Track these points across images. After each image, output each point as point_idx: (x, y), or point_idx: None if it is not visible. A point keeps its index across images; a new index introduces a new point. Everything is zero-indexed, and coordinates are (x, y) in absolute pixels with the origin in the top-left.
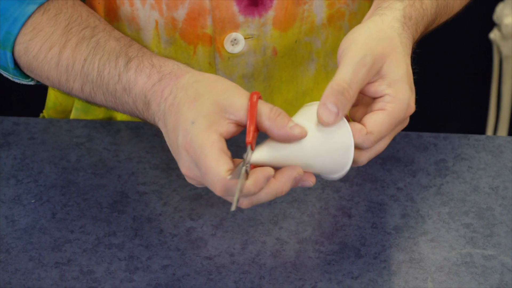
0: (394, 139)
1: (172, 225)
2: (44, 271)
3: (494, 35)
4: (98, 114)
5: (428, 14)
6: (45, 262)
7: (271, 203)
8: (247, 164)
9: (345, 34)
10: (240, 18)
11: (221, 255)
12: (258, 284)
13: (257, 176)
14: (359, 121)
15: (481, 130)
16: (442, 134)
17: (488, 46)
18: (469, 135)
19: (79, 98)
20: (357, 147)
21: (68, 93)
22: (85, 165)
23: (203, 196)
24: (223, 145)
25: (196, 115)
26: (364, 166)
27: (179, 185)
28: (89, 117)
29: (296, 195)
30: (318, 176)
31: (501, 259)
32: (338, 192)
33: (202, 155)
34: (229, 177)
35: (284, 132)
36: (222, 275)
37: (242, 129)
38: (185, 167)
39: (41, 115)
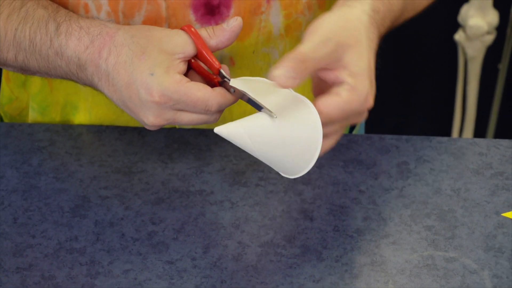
0: (356, 142)
1: (134, 229)
2: (5, 276)
3: (459, 36)
4: (54, 117)
5: (395, 9)
6: (6, 267)
7: (233, 206)
8: (231, 89)
9: None
10: (197, 26)
11: (183, 259)
12: None
13: None
14: None
15: (447, 131)
16: (404, 137)
17: (453, 47)
18: (431, 137)
19: (13, 68)
20: None
21: (3, 65)
22: (47, 169)
23: (165, 200)
24: (189, 79)
25: (150, 66)
26: (326, 168)
27: (141, 189)
28: (46, 119)
29: (258, 198)
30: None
31: (462, 261)
32: (300, 195)
33: (183, 95)
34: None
35: (227, 33)
36: (184, 279)
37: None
38: (154, 116)
39: None
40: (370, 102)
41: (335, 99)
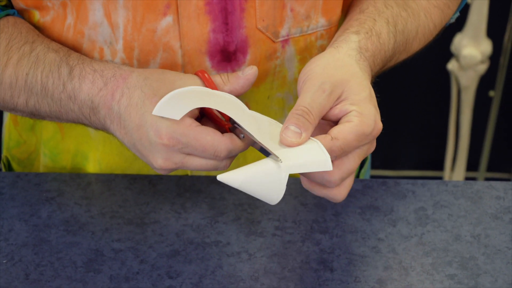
0: (371, 187)
1: (151, 284)
2: None
3: (452, 65)
4: (65, 165)
5: (385, 49)
6: None
7: (251, 257)
8: (241, 135)
9: None
10: (213, 73)
11: None
12: None
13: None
14: None
15: (440, 161)
16: (419, 181)
17: (446, 77)
18: (447, 181)
19: (23, 113)
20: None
21: (12, 110)
22: (57, 221)
23: (180, 252)
24: (199, 123)
25: None
26: (343, 216)
27: (155, 241)
28: (57, 166)
29: (275, 248)
30: (299, 230)
31: None
32: (319, 245)
33: (192, 139)
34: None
35: (242, 80)
36: None
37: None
38: (163, 159)
39: (3, 156)
40: (379, 124)
41: (348, 125)
